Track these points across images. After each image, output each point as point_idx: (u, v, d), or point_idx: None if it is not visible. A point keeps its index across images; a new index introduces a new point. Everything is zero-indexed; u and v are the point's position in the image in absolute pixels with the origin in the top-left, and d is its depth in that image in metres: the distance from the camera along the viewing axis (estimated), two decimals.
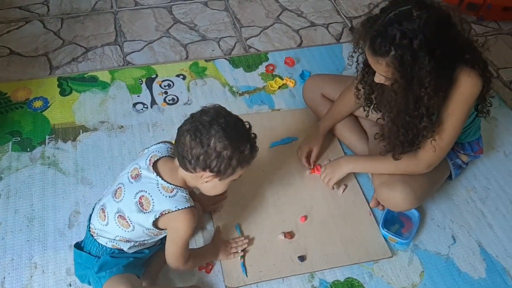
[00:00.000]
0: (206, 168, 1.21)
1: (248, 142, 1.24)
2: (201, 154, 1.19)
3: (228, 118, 1.22)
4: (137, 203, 1.25)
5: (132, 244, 1.32)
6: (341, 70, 2.13)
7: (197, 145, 1.19)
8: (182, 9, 2.43)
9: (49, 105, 1.91)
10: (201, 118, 1.21)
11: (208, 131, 1.19)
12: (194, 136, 1.19)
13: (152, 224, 1.25)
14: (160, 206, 1.24)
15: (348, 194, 1.69)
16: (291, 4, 2.51)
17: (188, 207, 1.25)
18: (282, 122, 1.91)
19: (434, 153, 1.44)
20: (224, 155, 1.19)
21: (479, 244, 1.60)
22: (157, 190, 1.25)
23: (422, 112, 1.33)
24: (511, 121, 1.99)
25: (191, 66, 2.12)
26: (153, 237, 1.33)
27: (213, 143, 1.18)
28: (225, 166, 1.21)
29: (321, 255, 1.52)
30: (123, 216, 1.27)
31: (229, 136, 1.19)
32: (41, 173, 1.68)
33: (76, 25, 2.30)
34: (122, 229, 1.29)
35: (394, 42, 1.22)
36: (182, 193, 1.26)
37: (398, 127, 1.40)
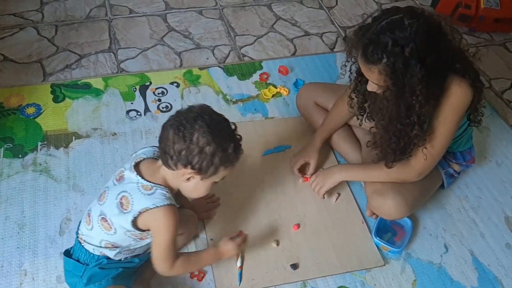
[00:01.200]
0: (188, 164, 1.18)
1: (232, 141, 1.21)
2: (183, 149, 1.17)
3: (213, 116, 1.21)
4: (118, 204, 1.23)
5: (118, 250, 1.30)
6: (335, 79, 2.15)
7: (180, 139, 1.17)
8: (176, 17, 2.44)
9: (41, 111, 1.90)
10: (186, 114, 1.20)
11: (192, 125, 1.17)
12: (178, 130, 1.17)
13: (131, 224, 1.22)
14: (139, 205, 1.21)
15: (341, 203, 1.69)
16: (286, 13, 2.53)
17: (167, 204, 1.22)
18: (276, 130, 1.91)
19: (425, 162, 1.45)
20: (206, 151, 1.17)
21: (471, 253, 1.60)
22: (137, 189, 1.22)
23: (413, 120, 1.34)
24: (503, 131, 2.00)
25: (185, 74, 2.12)
26: (138, 241, 1.30)
27: (196, 138, 1.16)
28: (207, 163, 1.18)
29: (314, 263, 1.51)
30: (105, 218, 1.25)
31: (212, 132, 1.17)
32: (32, 180, 1.67)
33: (71, 32, 2.30)
34: (105, 232, 1.26)
35: (386, 50, 1.23)
36: (161, 190, 1.23)
37: (390, 135, 1.40)
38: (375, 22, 1.28)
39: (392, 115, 1.37)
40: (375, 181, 1.55)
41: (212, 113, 1.22)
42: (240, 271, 1.47)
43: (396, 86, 1.29)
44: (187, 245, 1.53)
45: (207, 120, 1.18)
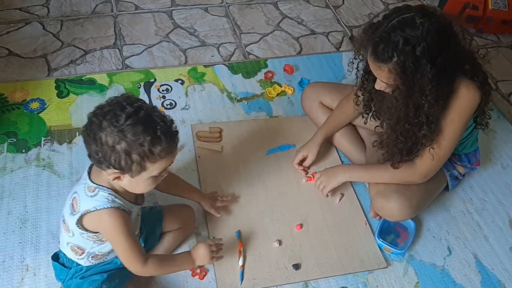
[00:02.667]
0: (109, 165, 1.10)
1: (149, 133, 1.08)
2: (98, 151, 1.09)
3: (127, 108, 1.08)
4: (70, 205, 1.20)
5: (85, 256, 1.26)
6: (340, 79, 2.13)
7: (91, 140, 1.09)
8: (182, 14, 2.43)
9: (46, 106, 1.90)
10: (99, 110, 1.11)
11: (100, 124, 1.08)
12: (89, 131, 1.10)
13: (76, 225, 1.18)
14: (83, 206, 1.17)
15: (344, 203, 1.68)
16: (292, 11, 2.52)
17: (109, 207, 1.15)
18: (280, 129, 1.90)
19: (430, 163, 1.44)
20: (118, 149, 1.07)
21: (475, 256, 1.59)
22: (83, 191, 1.18)
23: (422, 120, 1.33)
24: (509, 134, 1.99)
25: (190, 71, 2.11)
26: (100, 243, 1.25)
27: (105, 137, 1.07)
28: (125, 161, 1.09)
29: (316, 263, 1.51)
30: (64, 220, 1.23)
31: (121, 128, 1.06)
32: (35, 175, 1.67)
33: (76, 27, 2.29)
34: (66, 235, 1.24)
35: (397, 48, 1.22)
36: (103, 193, 1.16)
37: (397, 135, 1.40)
38: (386, 20, 1.27)
39: (401, 115, 1.36)
40: (379, 183, 1.55)
41: (128, 103, 1.10)
42: (242, 270, 1.46)
43: (405, 85, 1.28)
44: (187, 241, 1.53)
45: (119, 115, 1.07)
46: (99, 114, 1.10)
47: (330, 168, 1.67)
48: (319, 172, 1.67)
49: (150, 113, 1.11)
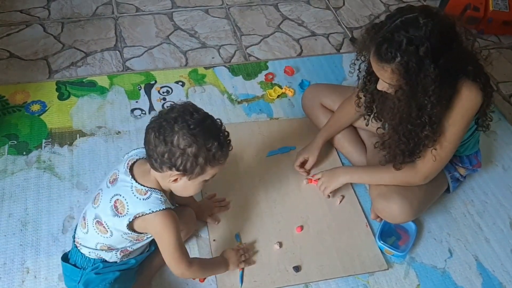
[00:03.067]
0: (172, 167, 1.16)
1: (216, 139, 1.17)
2: (165, 152, 1.15)
3: (195, 115, 1.17)
4: (112, 207, 1.22)
5: (114, 252, 1.29)
6: (341, 80, 2.13)
7: (161, 142, 1.15)
8: (183, 16, 2.44)
9: (46, 109, 1.90)
10: (167, 115, 1.17)
11: (172, 128, 1.14)
12: (158, 133, 1.15)
13: (127, 227, 1.22)
14: (134, 209, 1.20)
15: (345, 205, 1.68)
16: (292, 13, 2.52)
17: (163, 209, 1.20)
18: (280, 131, 1.90)
19: (432, 165, 1.44)
20: (188, 152, 1.14)
21: (476, 258, 1.58)
22: (131, 193, 1.21)
23: (424, 120, 1.33)
24: (510, 135, 1.98)
25: (191, 73, 2.11)
26: (135, 242, 1.29)
27: (177, 140, 1.14)
28: (191, 164, 1.16)
29: (317, 266, 1.50)
30: (100, 221, 1.24)
31: (193, 133, 1.14)
32: (36, 177, 1.67)
33: (77, 29, 2.30)
34: (100, 236, 1.26)
35: (400, 48, 1.22)
36: (156, 195, 1.21)
37: (400, 136, 1.39)
38: (389, 20, 1.27)
39: (403, 115, 1.35)
40: (380, 184, 1.54)
41: (194, 111, 1.18)
42: (241, 272, 1.46)
43: (408, 86, 1.27)
44: (188, 243, 1.53)
45: (188, 120, 1.15)
46: (169, 119, 1.16)
47: (332, 169, 1.67)
48: (321, 173, 1.67)
49: (214, 121, 1.21)
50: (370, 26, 1.33)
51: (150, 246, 1.41)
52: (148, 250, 1.40)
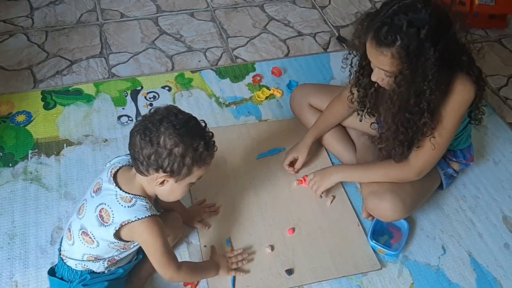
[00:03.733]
0: (159, 169, 1.16)
1: (202, 139, 1.18)
2: (152, 154, 1.15)
3: (179, 116, 1.18)
4: (97, 216, 1.21)
5: (101, 262, 1.27)
6: (329, 80, 2.12)
7: (146, 144, 1.15)
8: (168, 20, 2.42)
9: (32, 119, 1.88)
10: (151, 117, 1.18)
11: (158, 129, 1.14)
12: (144, 135, 1.15)
13: (114, 236, 1.20)
14: (120, 217, 1.19)
15: (336, 205, 1.66)
16: (278, 13, 2.50)
17: (149, 216, 1.19)
18: (269, 133, 1.88)
19: (425, 160, 1.44)
20: (175, 152, 1.15)
21: (469, 254, 1.58)
22: (115, 201, 1.20)
23: (423, 107, 1.32)
24: (500, 129, 1.98)
25: (177, 77, 2.10)
26: (122, 251, 1.28)
27: (163, 141, 1.14)
28: (178, 164, 1.16)
29: (309, 268, 1.49)
30: (86, 232, 1.23)
31: (180, 132, 1.15)
32: (23, 189, 1.65)
33: (61, 37, 2.28)
34: (87, 246, 1.24)
35: (401, 31, 1.21)
36: (141, 202, 1.20)
37: (398, 126, 1.38)
38: (386, 6, 1.26)
39: (402, 104, 1.34)
40: (373, 182, 1.53)
41: (178, 112, 1.19)
42: (233, 277, 1.44)
43: (409, 70, 1.26)
44: (177, 249, 1.51)
45: (173, 121, 1.16)
46: (154, 121, 1.16)
47: (323, 168, 1.66)
48: (312, 173, 1.66)
49: (198, 122, 1.22)
50: (364, 16, 1.33)
51: (138, 255, 1.39)
52: (136, 259, 1.39)
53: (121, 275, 1.33)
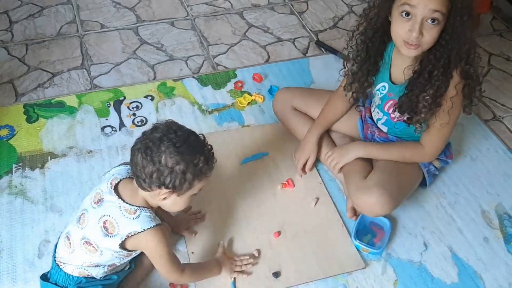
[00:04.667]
0: (161, 185, 1.20)
1: (202, 154, 1.22)
2: (154, 172, 1.18)
3: (179, 133, 1.21)
4: (102, 227, 1.24)
5: (101, 268, 1.30)
6: (309, 84, 2.16)
7: (148, 163, 1.18)
8: (148, 30, 2.44)
9: (15, 133, 1.88)
10: (151, 135, 1.21)
11: (158, 148, 1.18)
12: (145, 154, 1.18)
13: (119, 247, 1.24)
14: (125, 229, 1.23)
15: (320, 207, 1.70)
16: (257, 20, 2.54)
17: (154, 226, 1.24)
18: (253, 138, 1.91)
19: (435, 145, 1.56)
20: (177, 170, 1.18)
21: (450, 249, 1.62)
22: (120, 213, 1.24)
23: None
24: (476, 126, 2.03)
25: (159, 86, 2.11)
26: (123, 258, 1.31)
27: (164, 160, 1.18)
28: (180, 181, 1.20)
29: (295, 270, 1.52)
30: (89, 242, 1.26)
31: (180, 150, 1.18)
32: (8, 203, 1.65)
33: (42, 50, 2.28)
34: (89, 255, 1.27)
35: None
36: (145, 213, 1.25)
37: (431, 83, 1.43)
38: None
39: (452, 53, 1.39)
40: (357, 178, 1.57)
41: (177, 129, 1.23)
42: (233, 281, 1.47)
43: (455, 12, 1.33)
44: None
45: (173, 139, 1.19)
46: (154, 139, 1.19)
47: (344, 145, 1.71)
48: (330, 151, 1.70)
49: (198, 137, 1.25)
50: None
51: (131, 264, 1.41)
52: (129, 268, 1.41)
53: (115, 281, 1.36)
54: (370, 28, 1.50)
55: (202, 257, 1.53)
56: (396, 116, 1.58)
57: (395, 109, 1.55)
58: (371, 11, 1.49)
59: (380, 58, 1.58)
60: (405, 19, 1.36)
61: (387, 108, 1.61)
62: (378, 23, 1.48)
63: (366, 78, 1.60)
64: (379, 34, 1.50)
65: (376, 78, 1.62)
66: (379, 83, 1.61)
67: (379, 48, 1.55)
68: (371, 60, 1.56)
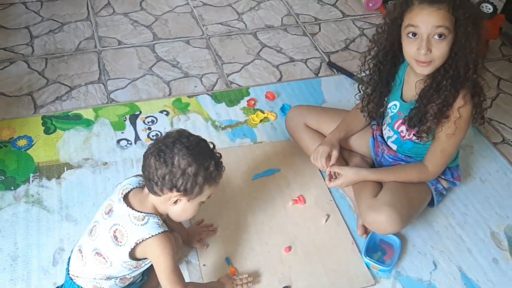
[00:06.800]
0: (173, 188, 1.23)
1: (212, 159, 1.26)
2: (166, 174, 1.21)
3: (191, 138, 1.26)
4: (112, 237, 1.25)
5: (113, 281, 1.31)
6: (320, 103, 2.20)
7: (161, 165, 1.21)
8: (164, 48, 2.50)
9: (33, 143, 1.93)
10: (164, 140, 1.25)
11: (172, 150, 1.22)
12: (158, 156, 1.22)
13: (129, 256, 1.25)
14: (134, 236, 1.24)
15: (330, 224, 1.72)
16: (271, 41, 2.60)
17: (162, 232, 1.25)
18: (264, 154, 1.95)
19: (438, 164, 1.58)
20: (189, 172, 1.21)
21: (460, 269, 1.63)
22: (129, 221, 1.25)
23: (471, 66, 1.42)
24: (485, 148, 2.06)
25: (174, 102, 2.16)
26: (134, 270, 1.31)
27: (177, 161, 1.21)
28: (191, 184, 1.23)
29: (306, 285, 1.53)
30: (99, 253, 1.27)
31: (192, 153, 1.22)
32: (25, 212, 1.68)
33: (60, 64, 2.34)
34: (100, 267, 1.28)
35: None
36: (153, 219, 1.26)
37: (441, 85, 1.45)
38: None
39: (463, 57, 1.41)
40: (369, 197, 1.59)
41: (189, 135, 1.27)
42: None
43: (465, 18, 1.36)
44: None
45: (185, 143, 1.23)
46: (168, 143, 1.23)
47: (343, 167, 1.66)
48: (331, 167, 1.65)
49: (207, 144, 1.30)
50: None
51: (143, 276, 1.43)
52: (140, 280, 1.42)
53: None
54: (381, 52, 1.56)
55: (214, 270, 1.55)
56: (406, 134, 1.61)
57: (405, 121, 1.58)
58: (380, 37, 1.55)
59: (392, 80, 1.63)
60: (412, 39, 1.42)
61: (396, 126, 1.64)
62: (387, 47, 1.53)
63: (379, 99, 1.64)
64: (389, 57, 1.56)
65: (388, 98, 1.66)
66: (391, 101, 1.65)
67: (390, 71, 1.60)
68: (383, 82, 1.61)
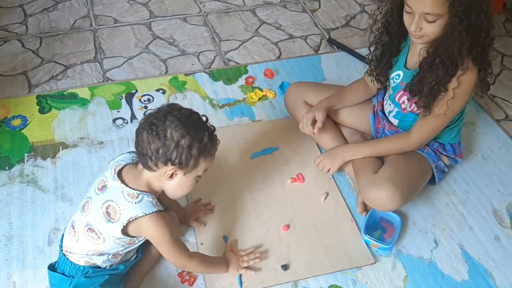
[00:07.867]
0: (168, 161, 1.20)
1: (206, 130, 1.24)
2: (160, 147, 1.19)
3: (182, 110, 1.23)
4: (104, 213, 1.23)
5: (106, 257, 1.29)
6: (321, 80, 2.16)
7: (154, 138, 1.19)
8: (161, 25, 2.45)
9: (28, 123, 1.90)
10: (156, 114, 1.23)
11: (163, 123, 1.19)
12: (150, 130, 1.19)
13: (121, 232, 1.23)
14: (127, 214, 1.22)
15: (329, 202, 1.69)
16: (269, 17, 2.54)
17: (156, 211, 1.23)
18: (263, 133, 1.91)
19: (423, 135, 1.56)
20: (182, 144, 1.19)
21: (461, 246, 1.61)
22: (122, 198, 1.23)
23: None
24: (488, 125, 2.02)
25: (171, 80, 2.12)
26: (127, 246, 1.30)
27: (170, 133, 1.19)
28: (186, 156, 1.20)
29: (304, 263, 1.51)
30: (92, 228, 1.25)
31: (185, 124, 1.19)
32: (19, 191, 1.66)
33: (55, 43, 2.30)
34: (92, 243, 1.26)
35: None
36: (148, 197, 1.24)
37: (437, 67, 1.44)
38: None
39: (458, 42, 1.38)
40: (369, 173, 1.57)
41: (180, 108, 1.25)
42: (239, 276, 1.46)
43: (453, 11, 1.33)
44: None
45: (177, 115, 1.21)
46: (159, 116, 1.21)
47: (332, 149, 1.71)
48: (320, 156, 1.70)
49: (200, 116, 1.27)
50: None
51: (138, 253, 1.41)
52: (135, 257, 1.41)
53: (122, 271, 1.35)
54: (389, 13, 1.54)
55: (211, 248, 1.53)
56: (407, 105, 1.59)
57: (406, 88, 1.56)
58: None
59: (404, 40, 1.60)
60: (407, 14, 1.43)
61: (398, 97, 1.61)
62: (395, 8, 1.51)
63: (389, 59, 1.62)
64: (397, 17, 1.52)
65: (394, 66, 1.63)
66: (395, 71, 1.62)
67: (399, 30, 1.56)
68: (393, 41, 1.59)
